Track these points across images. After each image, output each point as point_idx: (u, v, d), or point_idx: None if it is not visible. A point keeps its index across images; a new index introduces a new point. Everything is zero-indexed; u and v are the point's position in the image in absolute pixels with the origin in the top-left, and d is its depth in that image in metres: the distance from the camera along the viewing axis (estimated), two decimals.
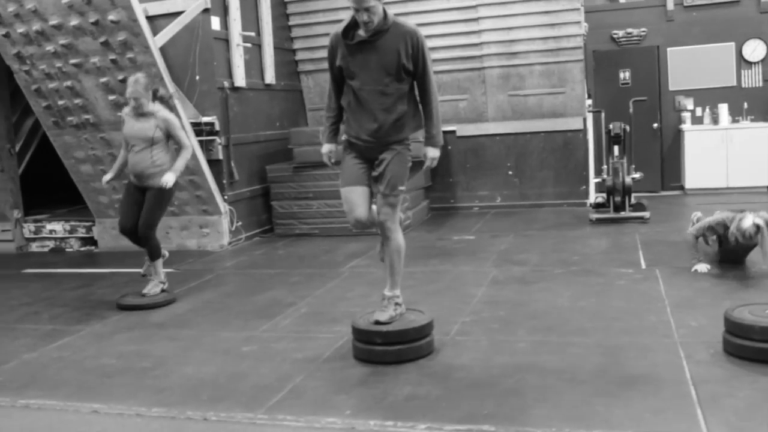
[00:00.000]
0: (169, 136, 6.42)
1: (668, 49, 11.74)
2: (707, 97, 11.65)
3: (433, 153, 4.75)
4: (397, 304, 4.75)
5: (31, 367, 5.01)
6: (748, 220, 5.94)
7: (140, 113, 6.36)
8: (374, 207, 4.84)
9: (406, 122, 4.65)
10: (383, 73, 4.50)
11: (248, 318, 5.89)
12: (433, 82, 4.65)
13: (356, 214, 4.76)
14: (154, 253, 6.57)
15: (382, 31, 4.45)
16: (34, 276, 8.30)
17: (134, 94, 6.26)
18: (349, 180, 4.80)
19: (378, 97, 4.55)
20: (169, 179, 6.31)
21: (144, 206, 6.43)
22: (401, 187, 4.70)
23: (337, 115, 4.88)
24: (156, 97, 6.47)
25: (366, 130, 4.63)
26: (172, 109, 7.01)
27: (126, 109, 6.53)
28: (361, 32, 4.49)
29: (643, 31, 11.81)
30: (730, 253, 6.55)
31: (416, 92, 4.70)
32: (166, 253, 6.86)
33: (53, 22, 8.20)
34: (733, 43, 11.51)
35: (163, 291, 6.58)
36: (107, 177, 6.71)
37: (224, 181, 9.16)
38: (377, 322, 4.63)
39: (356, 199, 4.75)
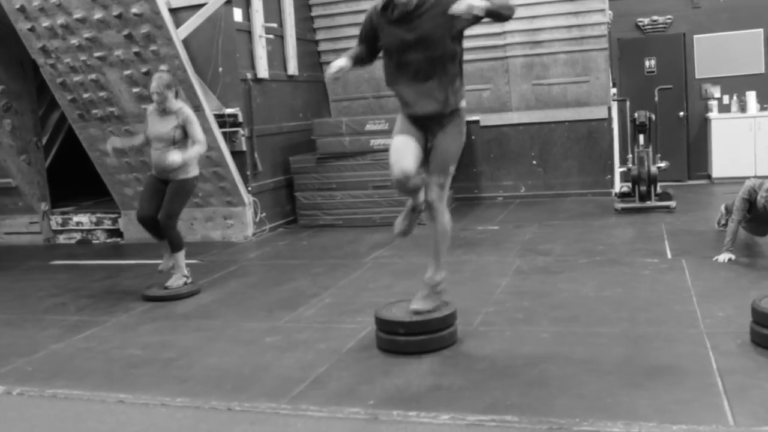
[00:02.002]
0: (185, 132, 6.44)
1: (694, 36, 11.58)
2: (734, 85, 11.48)
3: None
4: (438, 293, 4.70)
5: (59, 357, 5.07)
6: None
7: (163, 109, 6.44)
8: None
9: (454, 88, 4.52)
10: (425, 49, 4.41)
11: (272, 309, 5.92)
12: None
13: (403, 164, 4.45)
14: (175, 245, 6.62)
15: (417, 5, 4.39)
16: (62, 267, 8.39)
17: (157, 89, 6.34)
18: (403, 129, 4.59)
19: (427, 65, 4.44)
20: (175, 157, 6.25)
21: (166, 197, 6.50)
22: (452, 167, 4.60)
23: (359, 60, 4.72)
24: (178, 95, 6.59)
25: (419, 101, 4.51)
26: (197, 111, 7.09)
27: (150, 107, 6.61)
28: (403, 2, 4.40)
29: (669, 19, 11.66)
30: (758, 224, 6.45)
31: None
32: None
33: (77, 15, 8.25)
34: (761, 30, 11.31)
35: (186, 284, 6.63)
36: (115, 143, 6.77)
37: (248, 173, 9.19)
38: (416, 312, 4.59)
39: (406, 150, 4.50)
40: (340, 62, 4.60)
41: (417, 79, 4.50)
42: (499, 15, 4.36)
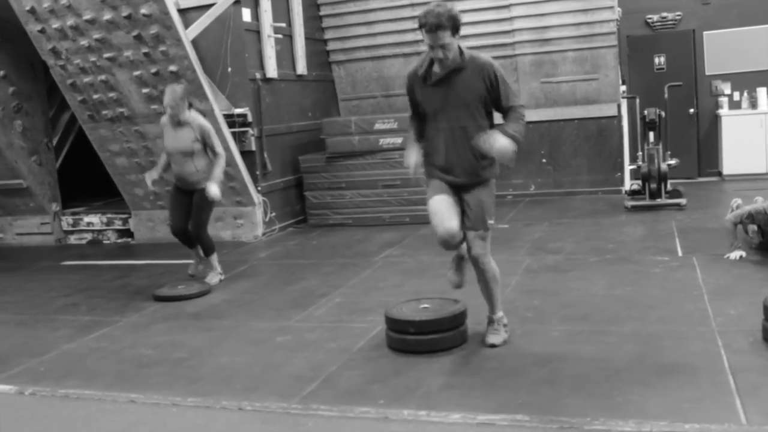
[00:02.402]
0: (205, 143, 6.62)
1: (704, 32, 11.52)
2: (745, 81, 11.42)
3: (502, 138, 4.28)
4: (505, 324, 4.74)
5: (71, 357, 5.10)
6: None
7: (177, 122, 6.55)
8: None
9: (485, 156, 4.45)
10: (463, 110, 4.39)
11: (282, 308, 5.93)
12: (521, 109, 4.50)
13: (447, 225, 4.40)
14: (208, 250, 6.88)
15: (458, 68, 4.36)
16: (73, 268, 8.43)
17: (171, 102, 6.44)
18: (438, 190, 4.53)
19: (459, 134, 4.41)
20: (215, 191, 6.56)
21: (192, 209, 6.73)
22: (491, 221, 4.56)
23: (420, 123, 4.68)
24: (191, 106, 6.69)
25: (449, 166, 4.49)
26: (206, 115, 7.21)
27: (164, 119, 6.72)
28: (437, 69, 4.40)
29: (679, 15, 11.61)
30: None
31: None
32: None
33: (87, 16, 8.28)
34: None
35: (221, 281, 6.89)
36: (153, 176, 6.86)
37: (257, 173, 9.21)
38: (492, 345, 4.58)
39: (447, 210, 4.45)
40: (411, 159, 4.61)
41: (449, 147, 4.47)
42: (522, 133, 4.50)
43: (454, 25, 4.25)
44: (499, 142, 4.26)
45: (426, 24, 4.20)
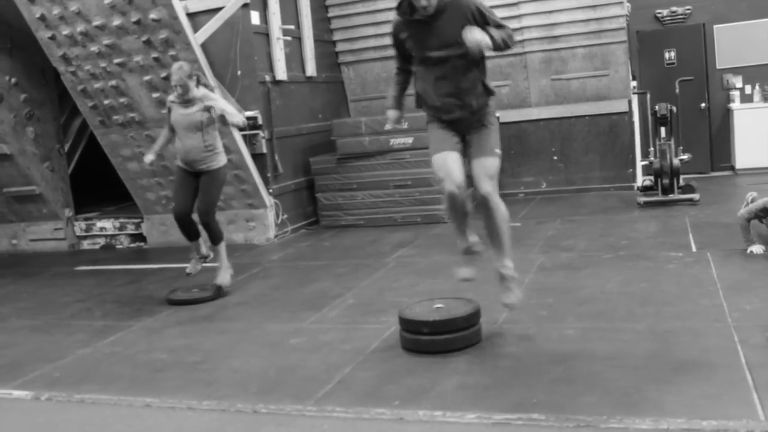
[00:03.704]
0: (215, 115, 6.43)
1: (715, 26, 11.45)
2: (757, 75, 11.34)
3: (479, 34, 4.27)
4: (515, 278, 4.71)
5: (86, 362, 5.11)
6: None
7: (186, 99, 6.41)
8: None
9: (479, 89, 4.57)
10: (450, 46, 4.43)
11: (295, 310, 5.93)
12: (509, 29, 4.53)
13: (455, 178, 4.47)
14: (216, 237, 6.61)
15: (440, 10, 4.42)
16: (87, 273, 8.46)
17: (179, 81, 6.30)
18: (441, 145, 4.58)
19: (449, 70, 4.48)
20: (238, 118, 6.45)
21: (200, 191, 6.49)
22: (498, 150, 4.60)
23: (405, 80, 4.87)
24: (200, 83, 6.54)
25: (448, 105, 4.55)
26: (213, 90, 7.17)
27: (171, 96, 6.56)
28: (418, 15, 4.47)
29: (689, 9, 11.54)
30: None
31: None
32: (210, 254, 6.85)
33: (96, 22, 8.32)
34: None
35: (232, 276, 6.71)
36: (149, 158, 6.73)
37: (269, 175, 9.22)
38: (507, 306, 4.66)
39: (452, 164, 4.51)
40: (391, 114, 4.85)
41: (442, 84, 4.53)
42: (505, 47, 4.51)
43: None
44: (475, 34, 4.28)
45: None
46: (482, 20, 4.46)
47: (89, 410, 4.25)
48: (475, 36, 4.26)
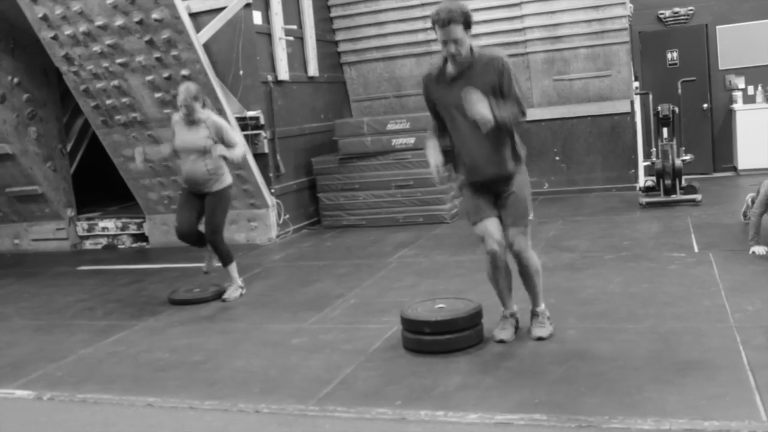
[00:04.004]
0: (222, 140, 6.31)
1: (717, 27, 11.44)
2: (759, 75, 11.32)
3: (485, 109, 4.21)
4: (548, 317, 4.81)
5: (88, 362, 5.12)
6: None
7: (191, 120, 6.32)
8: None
9: (509, 148, 4.53)
10: None
11: (297, 310, 5.93)
12: (520, 101, 4.42)
13: (495, 236, 4.55)
14: (226, 259, 6.54)
15: (470, 64, 4.39)
16: (89, 273, 8.47)
17: (185, 102, 6.23)
18: (479, 214, 4.61)
19: (477, 130, 4.33)
20: (220, 149, 6.21)
21: (205, 212, 6.42)
22: (530, 216, 4.63)
23: (442, 134, 4.72)
24: (205, 105, 6.43)
25: (478, 166, 4.52)
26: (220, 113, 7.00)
27: (176, 116, 6.49)
28: (451, 69, 4.43)
29: (691, 10, 11.53)
30: None
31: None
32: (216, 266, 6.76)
33: (99, 22, 8.32)
34: None
35: (241, 295, 6.57)
36: (143, 154, 6.58)
37: (271, 175, 9.22)
38: (540, 338, 4.65)
39: (491, 227, 4.57)
40: (433, 160, 4.58)
41: (472, 142, 4.46)
42: (509, 126, 4.45)
43: (466, 21, 4.30)
44: (481, 106, 4.21)
45: (439, 19, 4.25)
46: (504, 79, 4.36)
47: (91, 410, 4.26)
48: (478, 109, 4.20)
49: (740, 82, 11.48)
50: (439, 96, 4.54)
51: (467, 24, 4.31)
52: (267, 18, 9.32)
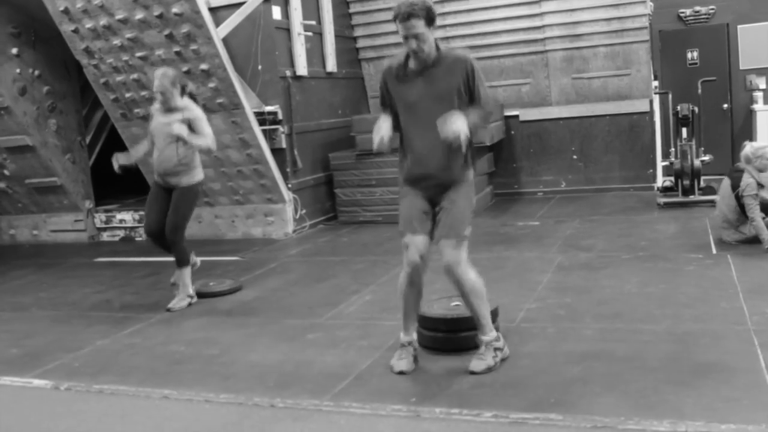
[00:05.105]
0: (192, 130, 6.03)
1: (738, 26, 11.35)
2: None
3: (459, 123, 4.02)
4: (497, 349, 4.31)
5: (105, 353, 5.16)
6: None
7: (168, 108, 6.10)
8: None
9: (461, 149, 4.24)
10: (437, 105, 4.17)
11: (313, 305, 5.94)
12: (489, 102, 4.34)
13: (420, 246, 4.28)
14: (181, 260, 6.26)
15: (434, 62, 4.21)
16: (106, 264, 8.53)
17: (160, 87, 6.00)
18: (410, 227, 4.31)
19: (433, 129, 4.11)
20: (181, 129, 5.91)
21: (170, 207, 6.17)
22: (466, 232, 4.27)
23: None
24: (185, 92, 6.20)
25: (424, 165, 4.28)
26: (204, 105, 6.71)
27: (156, 104, 6.29)
28: (412, 64, 4.26)
29: (712, 9, 11.45)
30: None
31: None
32: (198, 261, 6.59)
33: (119, 16, 8.36)
34: None
35: (190, 305, 6.25)
36: (120, 159, 6.41)
37: (288, 170, 9.24)
38: (472, 372, 4.18)
39: (419, 243, 4.28)
40: (381, 132, 4.28)
41: (426, 136, 4.21)
42: (482, 126, 4.38)
43: (428, 16, 4.10)
44: (454, 124, 4.00)
45: (399, 13, 4.07)
46: (472, 81, 4.20)
47: (108, 401, 4.29)
48: (454, 127, 3.99)
49: (761, 83, 11.38)
50: (398, 91, 4.33)
51: (430, 19, 4.11)
52: (286, 13, 9.33)
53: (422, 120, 4.23)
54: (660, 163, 10.49)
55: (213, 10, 8.67)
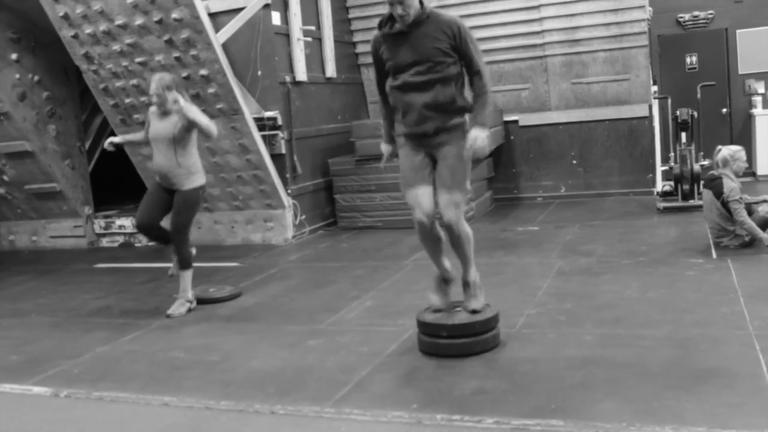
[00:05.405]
0: (191, 128, 6.05)
1: (737, 31, 11.38)
2: None
3: (479, 132, 4.42)
4: (479, 287, 4.76)
5: (105, 360, 5.14)
6: None
7: (164, 111, 6.13)
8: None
9: (454, 105, 4.50)
10: (426, 62, 4.40)
11: (313, 311, 5.93)
12: (485, 71, 4.52)
13: (424, 207, 4.54)
14: (184, 262, 6.27)
15: (419, 22, 4.40)
16: (106, 270, 8.52)
17: (156, 91, 6.04)
18: (411, 180, 4.59)
19: (422, 85, 4.44)
20: (188, 108, 5.97)
21: (172, 210, 6.20)
22: (467, 185, 4.57)
23: (391, 113, 4.85)
24: (181, 95, 6.15)
25: (417, 119, 4.51)
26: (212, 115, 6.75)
27: (152, 108, 6.29)
28: (398, 25, 4.46)
29: (711, 14, 11.48)
30: None
31: (466, 81, 4.60)
32: (192, 250, 6.48)
33: (119, 21, 8.37)
34: None
35: (189, 311, 6.26)
36: (114, 140, 6.44)
37: (287, 175, 9.24)
38: (474, 311, 4.61)
39: (422, 197, 4.55)
40: (383, 148, 4.95)
41: (417, 96, 4.47)
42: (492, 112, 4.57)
43: None
44: (478, 142, 4.41)
45: None
46: (461, 45, 4.40)
47: (108, 408, 4.28)
48: (477, 144, 4.40)
49: (760, 87, 11.41)
50: (389, 55, 4.53)
51: None
52: (285, 19, 9.35)
53: (412, 79, 4.45)
54: (659, 168, 10.50)
55: (212, 15, 8.70)
